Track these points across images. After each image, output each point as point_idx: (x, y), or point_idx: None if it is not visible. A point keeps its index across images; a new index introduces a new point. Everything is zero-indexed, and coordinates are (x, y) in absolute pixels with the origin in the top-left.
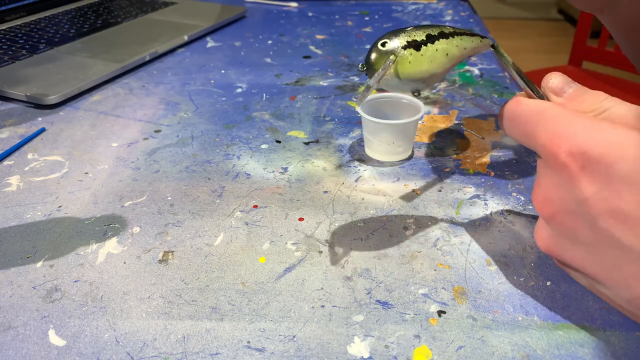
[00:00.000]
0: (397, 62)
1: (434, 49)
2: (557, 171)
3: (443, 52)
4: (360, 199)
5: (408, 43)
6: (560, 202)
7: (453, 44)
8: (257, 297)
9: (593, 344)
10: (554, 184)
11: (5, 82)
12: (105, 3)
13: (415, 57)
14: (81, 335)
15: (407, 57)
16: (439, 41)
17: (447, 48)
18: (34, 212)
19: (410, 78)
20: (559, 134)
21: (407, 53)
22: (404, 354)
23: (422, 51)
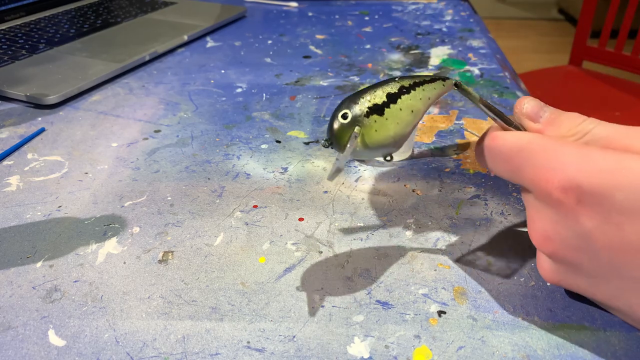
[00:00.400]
0: (363, 132)
1: (398, 109)
2: (551, 207)
3: (408, 110)
4: (361, 199)
5: (370, 109)
6: (560, 238)
7: (416, 98)
8: (257, 297)
9: (593, 344)
10: (550, 220)
11: (4, 82)
12: (105, 3)
13: (380, 123)
14: (81, 336)
15: (372, 125)
16: (402, 99)
17: (411, 104)
18: (34, 212)
19: (379, 145)
20: (548, 168)
21: (372, 120)
22: (404, 354)
23: (386, 114)
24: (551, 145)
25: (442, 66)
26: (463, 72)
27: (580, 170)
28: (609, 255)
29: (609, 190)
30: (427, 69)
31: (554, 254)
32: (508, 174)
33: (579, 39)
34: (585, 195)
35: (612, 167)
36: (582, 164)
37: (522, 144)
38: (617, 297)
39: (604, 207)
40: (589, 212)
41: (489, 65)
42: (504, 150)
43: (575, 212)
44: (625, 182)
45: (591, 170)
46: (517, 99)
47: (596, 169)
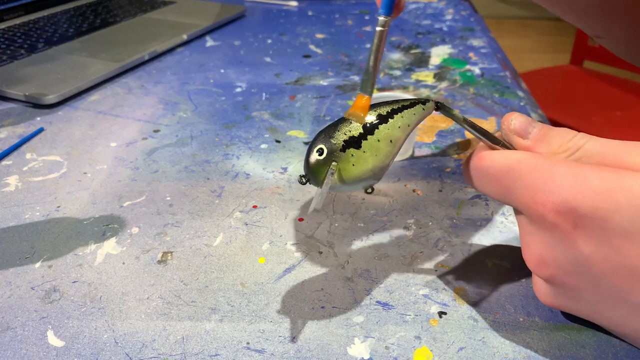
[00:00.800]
0: (340, 167)
1: (376, 140)
2: (546, 230)
3: (386, 141)
4: (361, 199)
5: (346, 143)
6: (557, 263)
7: (395, 126)
8: (256, 298)
9: (594, 345)
10: (545, 244)
11: (3, 82)
12: (104, 2)
13: (357, 156)
14: (80, 336)
15: (349, 159)
16: (379, 129)
17: (389, 134)
18: (33, 213)
19: (357, 179)
20: (540, 190)
21: (348, 155)
22: (404, 355)
23: (364, 147)
24: (543, 165)
25: (443, 65)
26: (464, 72)
27: (575, 192)
28: (611, 281)
29: (607, 212)
30: (428, 69)
31: (551, 279)
32: (498, 195)
33: (580, 39)
34: (583, 219)
35: (609, 188)
36: (577, 185)
37: (511, 164)
38: (624, 323)
39: (603, 231)
40: (587, 236)
41: (489, 65)
42: (492, 171)
43: (572, 236)
44: (625, 202)
45: (587, 191)
46: (505, 115)
47: (593, 190)
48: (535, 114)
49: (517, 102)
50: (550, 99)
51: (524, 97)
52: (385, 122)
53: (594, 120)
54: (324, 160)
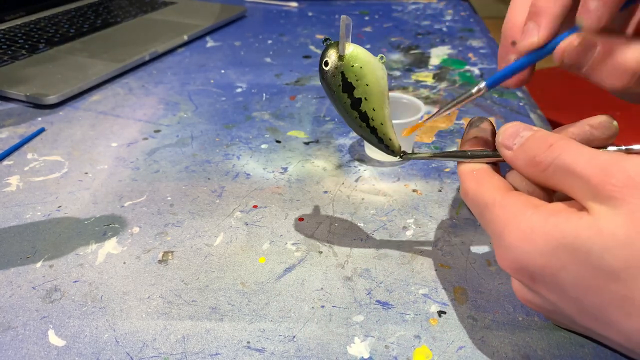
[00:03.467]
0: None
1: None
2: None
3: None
4: (360, 199)
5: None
6: (539, 304)
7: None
8: (257, 298)
9: (594, 345)
10: (524, 288)
11: (4, 82)
12: (104, 3)
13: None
14: (81, 336)
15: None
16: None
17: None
18: (34, 212)
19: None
20: (498, 247)
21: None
22: (404, 354)
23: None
24: (500, 220)
25: (442, 66)
26: (463, 72)
27: (523, 253)
28: (582, 322)
29: (554, 271)
30: (427, 69)
31: (540, 311)
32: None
33: None
34: (536, 275)
35: (553, 246)
36: (524, 245)
37: (480, 210)
38: (595, 333)
39: (558, 286)
40: (546, 289)
41: (489, 65)
42: (470, 205)
43: (535, 288)
44: (568, 260)
45: (533, 252)
46: (502, 127)
47: (538, 251)
48: (535, 114)
49: (517, 103)
50: (549, 99)
51: (523, 97)
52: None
53: None
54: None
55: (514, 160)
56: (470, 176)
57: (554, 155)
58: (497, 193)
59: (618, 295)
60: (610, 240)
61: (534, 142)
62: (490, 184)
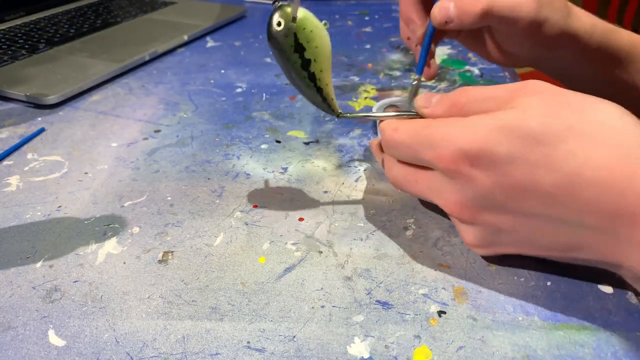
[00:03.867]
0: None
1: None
2: (453, 179)
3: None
4: (360, 199)
5: None
6: (472, 203)
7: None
8: (257, 298)
9: (594, 344)
10: (457, 191)
11: (4, 82)
12: (104, 3)
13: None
14: (81, 336)
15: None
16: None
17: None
18: (34, 212)
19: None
20: (439, 146)
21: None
22: (404, 354)
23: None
24: (436, 125)
25: (442, 66)
26: (463, 72)
27: (463, 139)
28: (514, 204)
29: (492, 147)
30: None
31: (472, 220)
32: (412, 159)
33: None
34: (474, 159)
35: (491, 127)
36: (466, 132)
37: (415, 130)
38: (541, 243)
39: (493, 163)
40: (482, 172)
41: (488, 65)
42: (404, 140)
43: (472, 176)
44: (501, 138)
45: (474, 135)
46: (416, 98)
47: (477, 135)
48: None
49: None
50: None
51: None
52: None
53: None
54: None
55: (433, 112)
56: (392, 123)
57: (469, 94)
58: (427, 119)
59: (541, 155)
60: (532, 114)
61: (447, 95)
62: (414, 119)
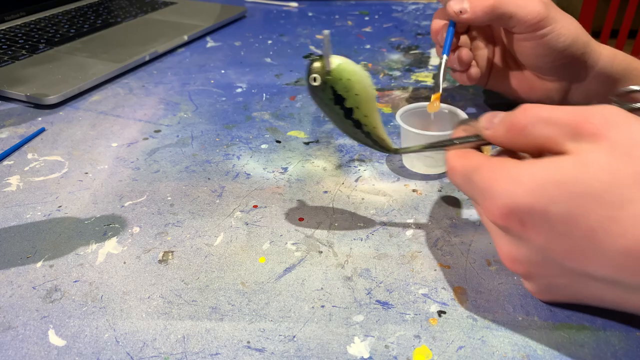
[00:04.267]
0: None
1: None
2: (505, 232)
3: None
4: (360, 199)
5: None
6: (526, 258)
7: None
8: (257, 297)
9: (593, 345)
10: (510, 243)
11: (4, 82)
12: (105, 3)
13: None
14: (81, 335)
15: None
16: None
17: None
18: (34, 212)
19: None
20: (484, 199)
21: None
22: (404, 354)
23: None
24: (488, 171)
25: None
26: None
27: (512, 195)
28: (570, 262)
29: (544, 206)
30: (427, 69)
31: (528, 275)
32: (470, 197)
33: None
34: (525, 217)
35: (540, 184)
36: (512, 188)
37: (468, 176)
38: (601, 296)
39: (547, 223)
40: (535, 231)
41: None
42: (460, 183)
43: (524, 233)
44: (556, 194)
45: (522, 192)
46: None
47: (526, 191)
48: None
49: None
50: None
51: None
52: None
53: None
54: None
55: (494, 134)
56: (457, 154)
57: (530, 114)
58: (482, 158)
59: (605, 217)
60: (594, 168)
61: (509, 115)
62: (475, 154)
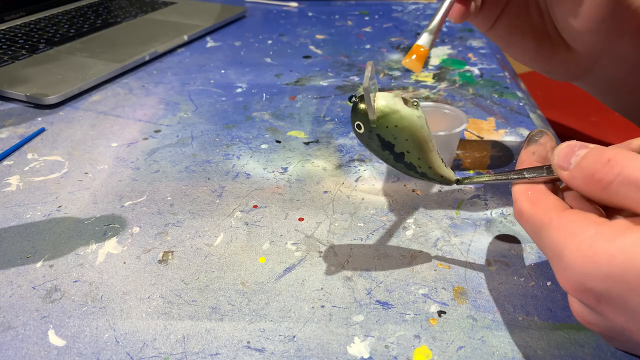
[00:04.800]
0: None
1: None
2: (579, 300)
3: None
4: (360, 199)
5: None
6: (603, 325)
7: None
8: (257, 297)
9: (593, 344)
10: (585, 309)
11: (4, 82)
12: (105, 3)
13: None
14: (81, 336)
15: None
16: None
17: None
18: (34, 212)
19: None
20: (558, 268)
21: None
22: (404, 354)
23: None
24: (558, 241)
25: (442, 66)
26: (463, 72)
27: (586, 275)
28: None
29: (622, 293)
30: (427, 69)
31: (604, 335)
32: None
33: None
34: (602, 297)
35: (619, 270)
36: (587, 268)
37: (536, 230)
38: None
39: (626, 308)
40: (613, 310)
41: (488, 65)
42: (528, 231)
43: (600, 309)
44: (637, 283)
45: (598, 275)
46: (556, 148)
47: (603, 274)
48: (535, 114)
49: (517, 103)
50: (549, 100)
51: (523, 97)
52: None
53: (593, 121)
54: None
55: (571, 181)
56: (525, 196)
57: (615, 171)
58: (553, 212)
59: None
60: None
61: (591, 159)
62: (545, 203)
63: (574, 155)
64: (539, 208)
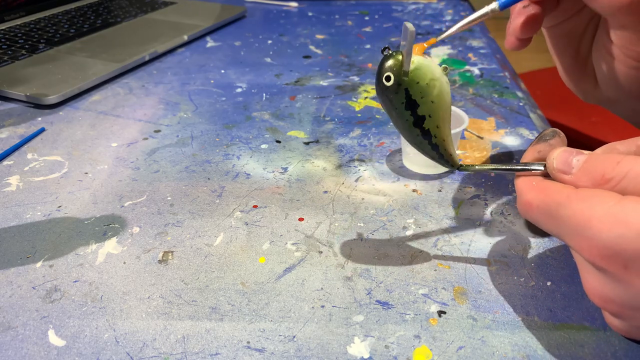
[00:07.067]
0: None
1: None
2: (601, 271)
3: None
4: (360, 199)
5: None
6: (621, 300)
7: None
8: (257, 298)
9: (593, 345)
10: (605, 283)
11: (4, 82)
12: (104, 3)
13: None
14: (81, 336)
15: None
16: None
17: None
18: (34, 212)
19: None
20: (582, 236)
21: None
22: (404, 354)
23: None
24: (582, 210)
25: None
26: (463, 72)
27: (616, 236)
28: None
29: None
30: None
31: (619, 314)
32: (553, 234)
33: None
34: (631, 261)
35: None
36: (617, 228)
37: (552, 212)
38: None
39: None
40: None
41: (488, 65)
42: (539, 219)
43: (626, 277)
44: None
45: (629, 233)
46: (550, 152)
47: (634, 232)
48: (535, 114)
49: (517, 103)
50: (549, 99)
51: (523, 97)
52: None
53: (593, 120)
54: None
55: (576, 182)
56: (531, 186)
57: (625, 169)
58: (569, 190)
59: None
60: None
61: (599, 162)
62: (555, 186)
63: (573, 159)
64: (549, 191)
